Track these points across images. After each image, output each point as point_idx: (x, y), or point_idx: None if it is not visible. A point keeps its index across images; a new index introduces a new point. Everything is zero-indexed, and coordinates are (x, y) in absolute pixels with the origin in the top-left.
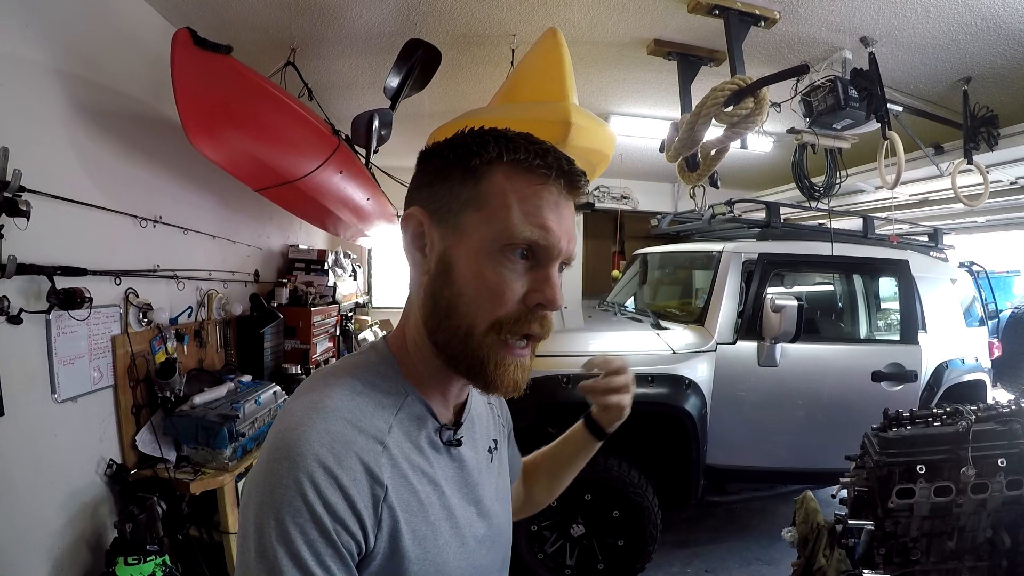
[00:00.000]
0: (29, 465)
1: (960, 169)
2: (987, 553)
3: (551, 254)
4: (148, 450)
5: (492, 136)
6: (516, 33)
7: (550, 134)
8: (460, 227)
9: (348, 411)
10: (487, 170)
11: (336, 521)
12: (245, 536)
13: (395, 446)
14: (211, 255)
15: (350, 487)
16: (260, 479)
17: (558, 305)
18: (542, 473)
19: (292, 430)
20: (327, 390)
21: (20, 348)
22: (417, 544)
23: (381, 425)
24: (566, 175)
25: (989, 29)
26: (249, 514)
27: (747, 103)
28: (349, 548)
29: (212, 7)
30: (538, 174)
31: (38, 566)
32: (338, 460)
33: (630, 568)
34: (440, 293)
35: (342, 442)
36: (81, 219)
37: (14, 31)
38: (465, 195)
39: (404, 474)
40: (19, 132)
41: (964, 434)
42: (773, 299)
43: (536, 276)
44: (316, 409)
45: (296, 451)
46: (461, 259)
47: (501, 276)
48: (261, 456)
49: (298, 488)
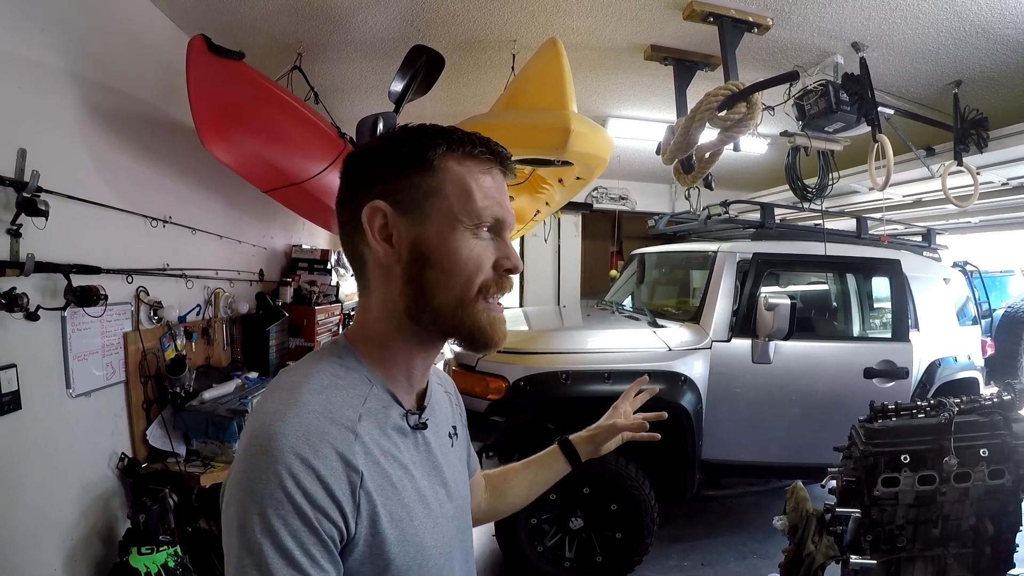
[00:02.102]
0: (44, 458)
1: (951, 171)
2: (971, 540)
3: (507, 225)
4: (159, 444)
5: (435, 130)
6: (517, 39)
7: (550, 140)
8: (428, 214)
9: (319, 404)
10: (442, 161)
11: (317, 510)
12: (229, 534)
13: (366, 434)
14: (218, 255)
15: (328, 476)
16: (239, 477)
17: (520, 267)
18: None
19: (267, 426)
20: (296, 386)
21: (37, 344)
22: (395, 526)
23: (351, 415)
24: (503, 160)
25: (978, 34)
26: (231, 513)
27: (740, 108)
28: (331, 536)
29: (221, 13)
30: (484, 160)
31: (52, 556)
32: (314, 451)
33: (628, 561)
34: (422, 275)
35: (316, 434)
36: (95, 219)
37: (32, 36)
38: (426, 185)
39: (376, 460)
40: (36, 134)
41: (947, 425)
42: (767, 298)
43: (498, 245)
44: (288, 405)
45: (273, 445)
46: (437, 241)
47: (476, 250)
48: (238, 456)
49: (278, 481)
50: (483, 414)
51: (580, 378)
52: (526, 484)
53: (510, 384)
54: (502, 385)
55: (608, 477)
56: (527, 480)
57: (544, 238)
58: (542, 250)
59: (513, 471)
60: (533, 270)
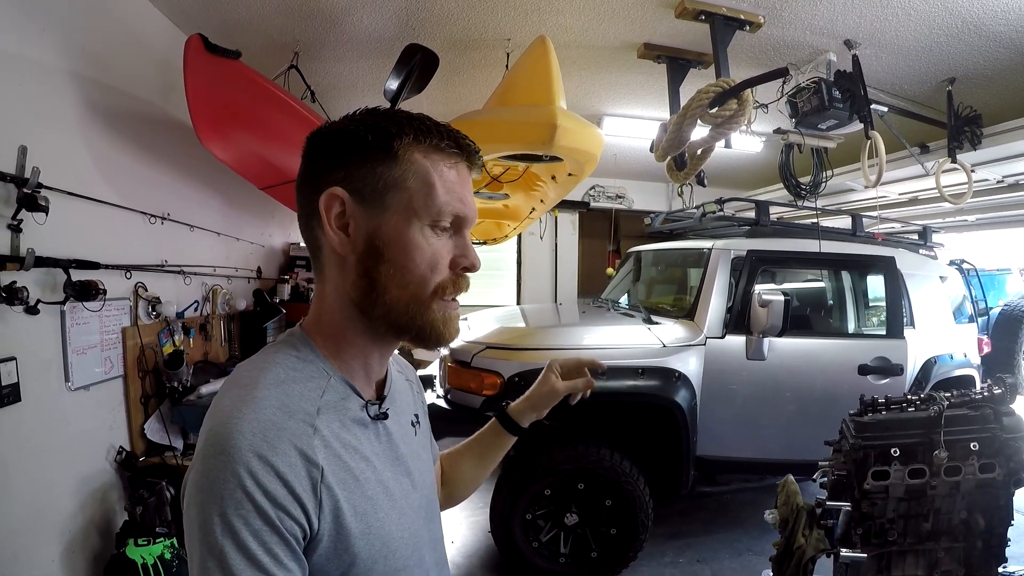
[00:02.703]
0: (43, 450)
1: (945, 168)
2: (962, 534)
3: (469, 222)
4: (156, 438)
5: (403, 118)
6: (511, 38)
7: (537, 135)
8: (387, 206)
9: (275, 399)
10: (406, 152)
11: (278, 508)
12: (191, 536)
13: (325, 427)
14: (216, 251)
15: (287, 473)
16: (198, 477)
17: (479, 267)
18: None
19: (223, 424)
20: (252, 381)
21: (37, 337)
22: (359, 520)
23: (309, 408)
24: (470, 154)
25: (970, 31)
26: (192, 514)
27: (731, 104)
28: (294, 533)
29: (218, 12)
30: (450, 154)
31: (50, 548)
32: (272, 448)
33: (623, 557)
34: (376, 269)
35: (274, 429)
36: (94, 215)
37: (32, 35)
38: (388, 176)
39: (337, 453)
40: (36, 131)
41: (936, 419)
42: (760, 294)
43: (457, 244)
44: (244, 401)
45: (230, 444)
46: (393, 235)
47: (434, 247)
48: (196, 455)
49: (237, 480)
50: (477, 410)
51: None
52: (472, 465)
53: (505, 380)
54: (497, 381)
55: (603, 473)
56: (472, 462)
57: (540, 236)
58: (539, 248)
59: (457, 454)
60: (530, 268)
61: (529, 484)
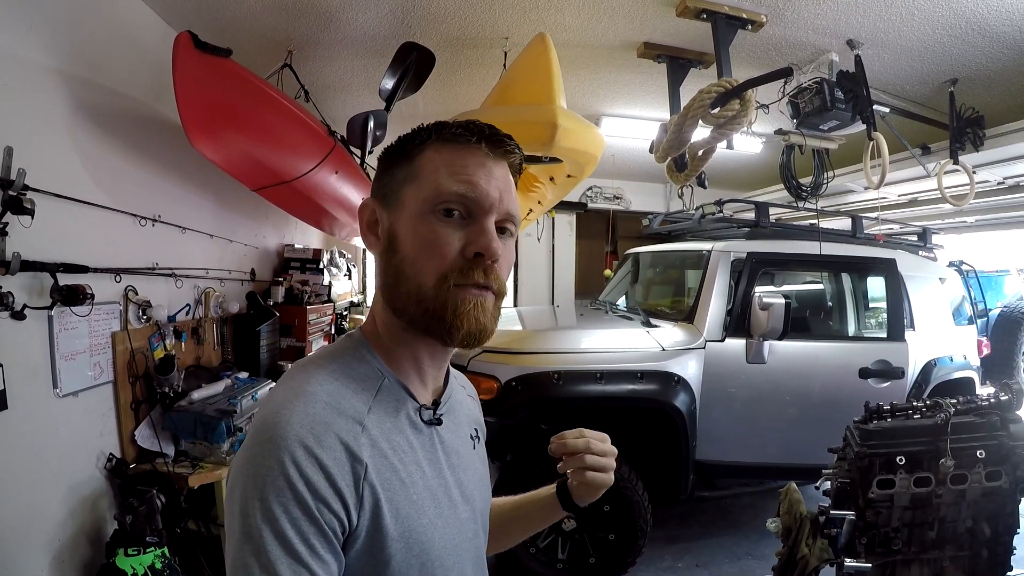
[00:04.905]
0: (31, 458)
1: (946, 169)
2: (968, 543)
3: (482, 206)
4: (147, 445)
5: (426, 126)
6: (508, 36)
7: (537, 135)
8: (400, 202)
9: (327, 394)
10: (419, 150)
11: (319, 500)
12: (231, 519)
13: (374, 426)
14: (208, 254)
15: (331, 466)
16: (244, 463)
17: (495, 253)
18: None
19: (274, 414)
20: (307, 377)
21: (23, 343)
22: (399, 522)
23: (360, 407)
24: (488, 138)
25: (974, 32)
26: (235, 497)
27: (733, 105)
28: (332, 527)
29: (211, 10)
30: (461, 141)
31: (39, 557)
32: (318, 440)
33: (621, 562)
34: (389, 263)
35: (322, 423)
36: (83, 217)
37: (19, 33)
38: (402, 174)
39: (384, 453)
40: (23, 132)
41: (943, 426)
42: (761, 297)
43: (472, 229)
44: (297, 394)
45: (278, 433)
46: (402, 228)
47: (435, 232)
48: (245, 442)
49: (280, 468)
50: None
51: (572, 378)
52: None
53: (502, 384)
54: (494, 385)
55: None
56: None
57: (538, 237)
58: (536, 249)
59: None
60: (527, 269)
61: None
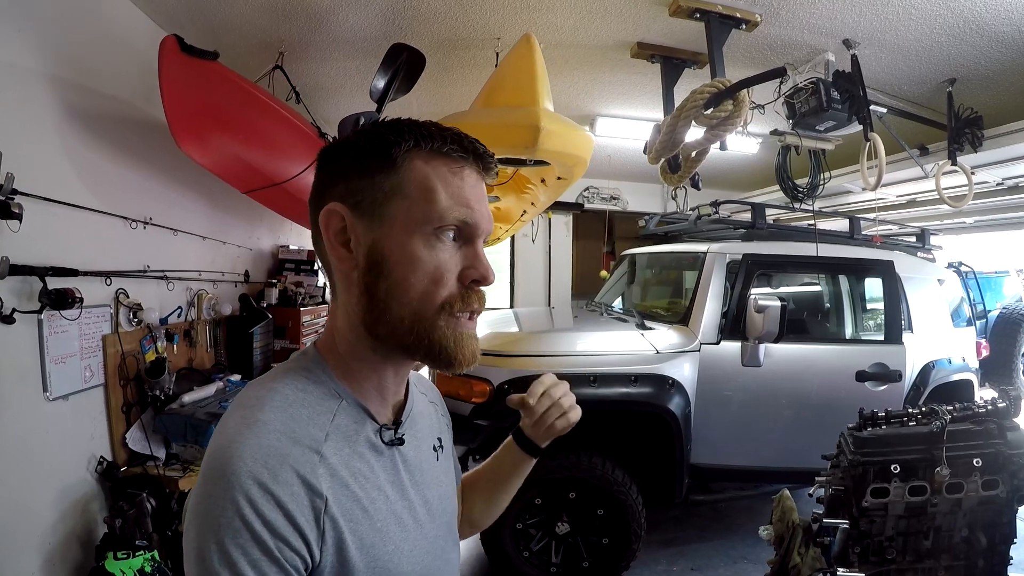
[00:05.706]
0: (21, 462)
1: (944, 170)
2: (963, 553)
3: (477, 231)
4: (138, 448)
5: (405, 125)
6: (500, 37)
7: (520, 138)
8: (387, 217)
9: (281, 423)
10: (406, 158)
11: (277, 538)
12: (188, 561)
13: (333, 454)
14: (201, 256)
15: (288, 502)
16: (197, 502)
17: (492, 279)
18: (479, 494)
19: (225, 448)
20: (259, 402)
21: (12, 347)
22: (364, 553)
23: (317, 434)
24: (480, 157)
25: (972, 31)
26: (190, 539)
27: (726, 106)
28: (294, 564)
29: (201, 12)
30: (455, 158)
31: (29, 561)
32: (273, 475)
33: (615, 566)
34: (376, 286)
35: (276, 456)
36: (72, 221)
37: (8, 36)
38: (388, 185)
39: (345, 482)
40: (11, 136)
41: (939, 434)
42: (756, 299)
43: (466, 254)
44: (248, 424)
45: (230, 470)
46: (394, 248)
47: (438, 258)
48: (199, 479)
49: (235, 508)
50: (467, 417)
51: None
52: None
53: (494, 387)
54: (486, 388)
55: (594, 482)
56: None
57: (533, 238)
58: (532, 251)
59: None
60: (523, 271)
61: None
